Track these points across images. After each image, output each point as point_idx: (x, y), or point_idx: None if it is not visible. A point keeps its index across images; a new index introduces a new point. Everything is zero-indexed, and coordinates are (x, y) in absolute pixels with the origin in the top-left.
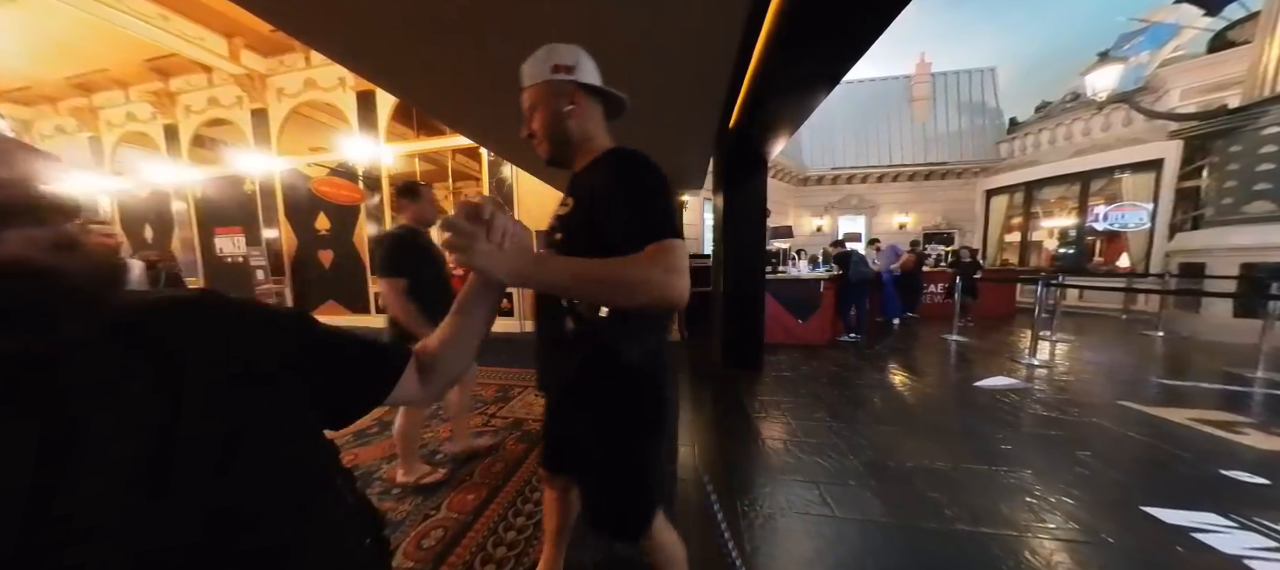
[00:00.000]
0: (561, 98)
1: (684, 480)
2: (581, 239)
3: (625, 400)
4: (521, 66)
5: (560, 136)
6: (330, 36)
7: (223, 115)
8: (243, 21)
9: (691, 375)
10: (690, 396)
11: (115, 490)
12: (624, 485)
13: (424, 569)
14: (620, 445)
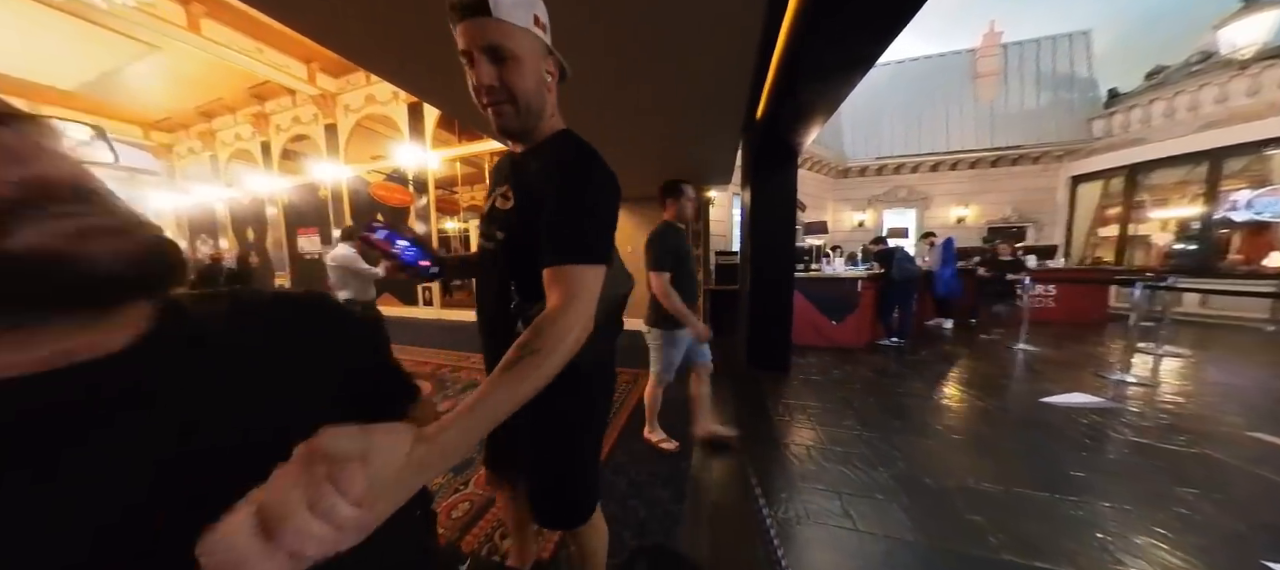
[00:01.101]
0: (544, 62)
1: (709, 483)
2: (525, 241)
3: (573, 400)
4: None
5: (538, 109)
6: (381, 58)
7: (303, 131)
8: (317, 49)
9: (714, 374)
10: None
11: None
12: (573, 479)
13: (454, 536)
14: (570, 442)
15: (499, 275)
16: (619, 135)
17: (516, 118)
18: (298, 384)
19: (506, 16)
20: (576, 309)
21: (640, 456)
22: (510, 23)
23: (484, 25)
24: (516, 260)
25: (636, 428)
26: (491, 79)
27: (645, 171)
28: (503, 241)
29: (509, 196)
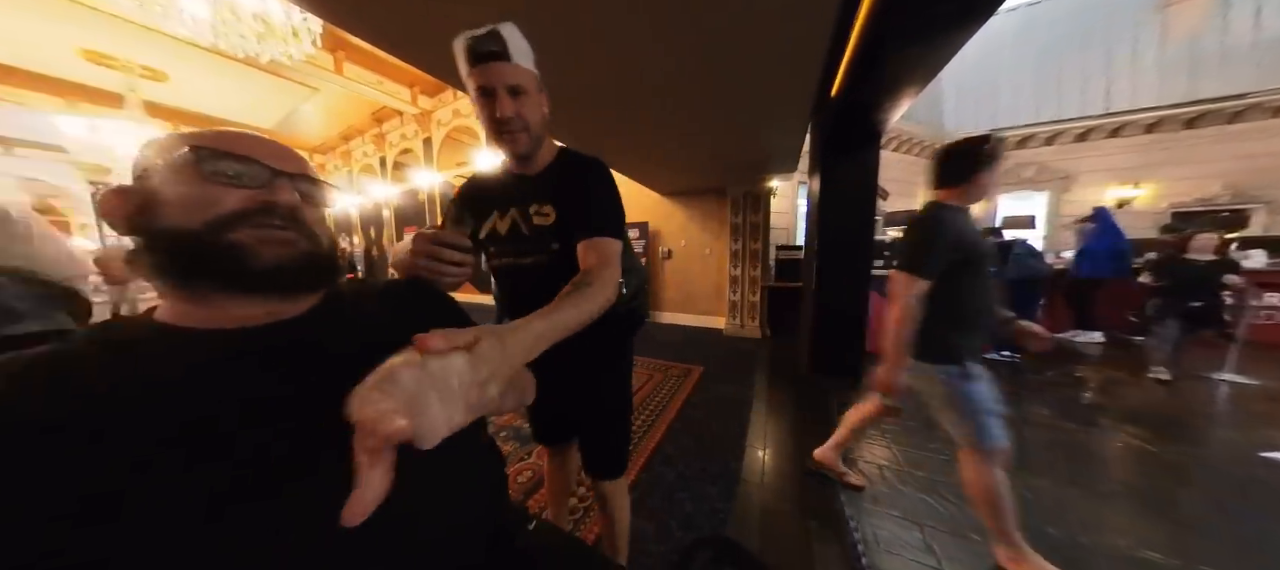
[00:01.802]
0: (542, 95)
1: (758, 484)
2: (570, 239)
3: (622, 359)
4: (501, 31)
5: (541, 136)
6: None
7: (408, 145)
8: (418, 74)
9: (770, 375)
10: (767, 398)
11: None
12: (624, 429)
13: (518, 500)
14: (620, 396)
15: (548, 285)
16: (672, 130)
17: (529, 143)
18: (420, 326)
19: (519, 61)
20: (613, 269)
21: (690, 451)
22: (521, 66)
23: (503, 68)
24: (567, 266)
25: (685, 421)
26: (512, 111)
27: (700, 164)
28: (557, 252)
29: (548, 213)
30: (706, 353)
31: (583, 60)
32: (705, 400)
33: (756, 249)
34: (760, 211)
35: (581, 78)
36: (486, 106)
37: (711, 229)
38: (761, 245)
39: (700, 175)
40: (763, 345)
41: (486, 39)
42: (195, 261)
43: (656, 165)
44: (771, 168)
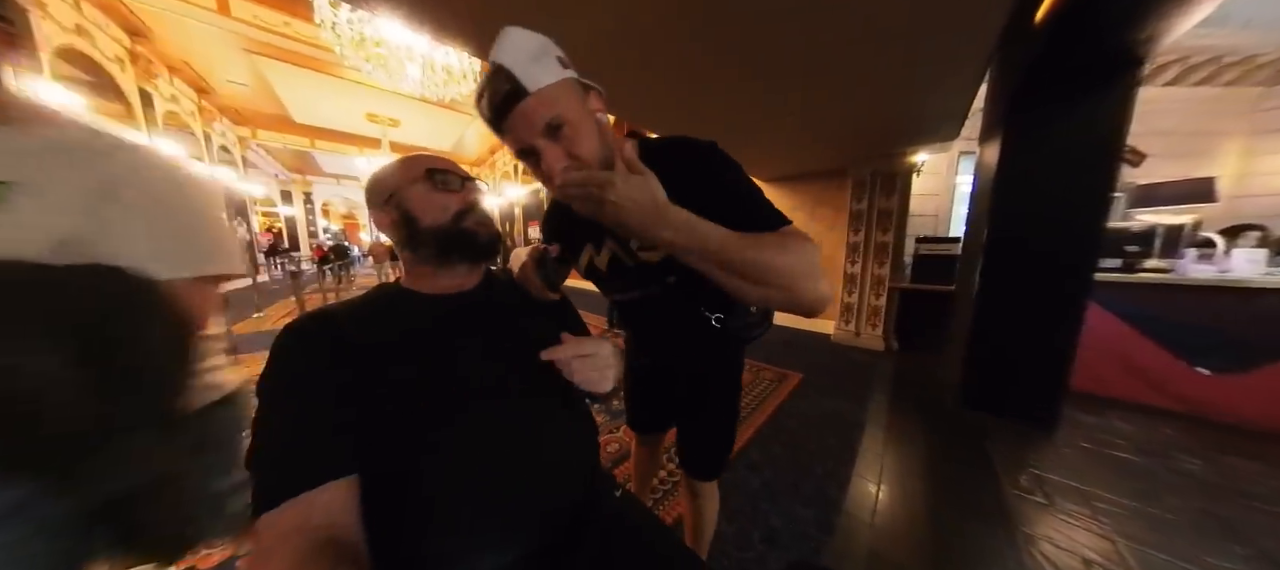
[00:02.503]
0: (589, 102)
1: (867, 523)
2: (694, 273)
3: (736, 364)
4: (502, 62)
5: (610, 160)
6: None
7: None
8: None
9: (894, 398)
10: (887, 424)
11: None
12: (730, 435)
13: (606, 466)
14: (731, 402)
15: (678, 307)
16: (792, 106)
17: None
18: (541, 310)
19: (542, 82)
20: (811, 250)
21: (779, 462)
22: (549, 87)
23: (528, 110)
24: (695, 287)
25: (776, 429)
26: (563, 160)
27: (820, 142)
28: (677, 283)
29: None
30: (808, 359)
31: (674, 32)
32: (802, 411)
33: (885, 241)
34: (894, 195)
35: (672, 54)
36: (534, 168)
37: (823, 218)
38: (893, 237)
39: (815, 156)
40: (885, 359)
41: (494, 82)
42: (450, 244)
43: (761, 151)
44: (920, 136)
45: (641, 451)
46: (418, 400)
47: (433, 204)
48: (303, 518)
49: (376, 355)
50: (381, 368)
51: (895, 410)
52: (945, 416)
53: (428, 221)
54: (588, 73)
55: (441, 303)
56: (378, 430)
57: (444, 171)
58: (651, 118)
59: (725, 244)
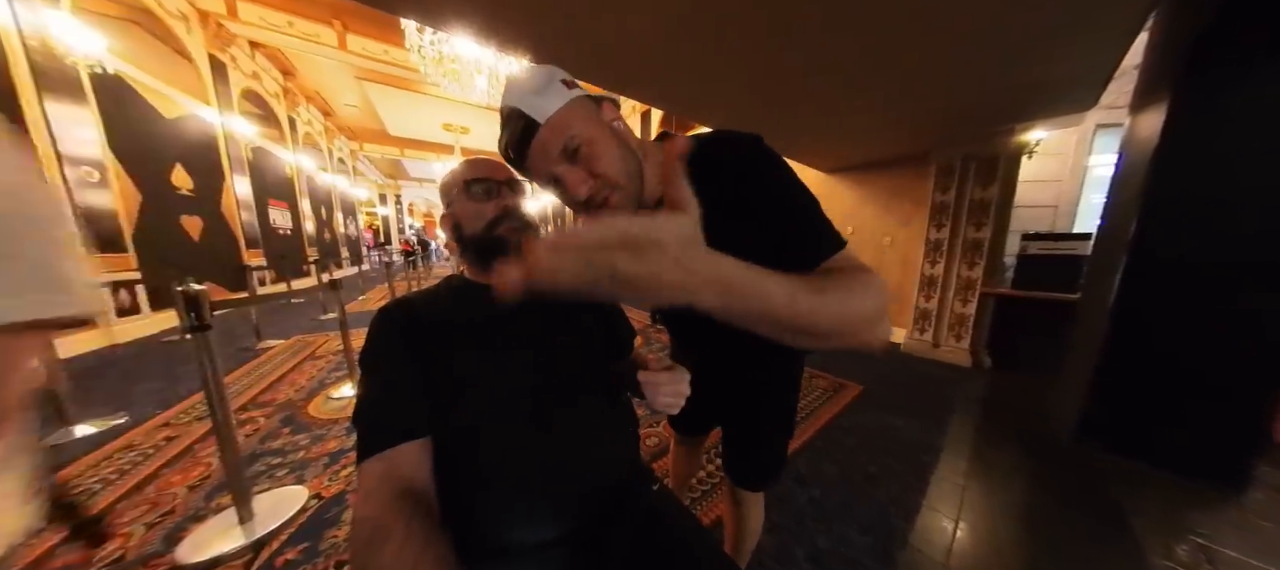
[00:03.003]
0: (603, 114)
1: (939, 563)
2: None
3: (792, 368)
4: (514, 104)
5: (636, 168)
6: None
7: None
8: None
9: (983, 423)
10: (971, 454)
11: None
12: (782, 448)
13: (646, 459)
14: (786, 411)
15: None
16: (873, 86)
17: (627, 197)
18: (587, 302)
19: (551, 110)
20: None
21: (831, 479)
22: (557, 111)
23: (544, 141)
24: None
25: (829, 444)
26: (586, 181)
27: (903, 123)
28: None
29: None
30: (871, 370)
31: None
32: (861, 428)
33: (979, 239)
34: (995, 183)
35: (737, 28)
36: (560, 196)
37: (899, 211)
38: (990, 233)
39: (891, 140)
40: (972, 377)
41: (510, 124)
42: (485, 250)
43: (821, 138)
44: (1040, 106)
45: (680, 450)
46: (476, 379)
47: (470, 213)
48: (391, 467)
49: (444, 337)
50: (448, 348)
51: (985, 438)
52: (1057, 453)
53: (468, 229)
54: (636, 67)
55: (491, 290)
56: (443, 402)
57: (480, 180)
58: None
59: (788, 304)
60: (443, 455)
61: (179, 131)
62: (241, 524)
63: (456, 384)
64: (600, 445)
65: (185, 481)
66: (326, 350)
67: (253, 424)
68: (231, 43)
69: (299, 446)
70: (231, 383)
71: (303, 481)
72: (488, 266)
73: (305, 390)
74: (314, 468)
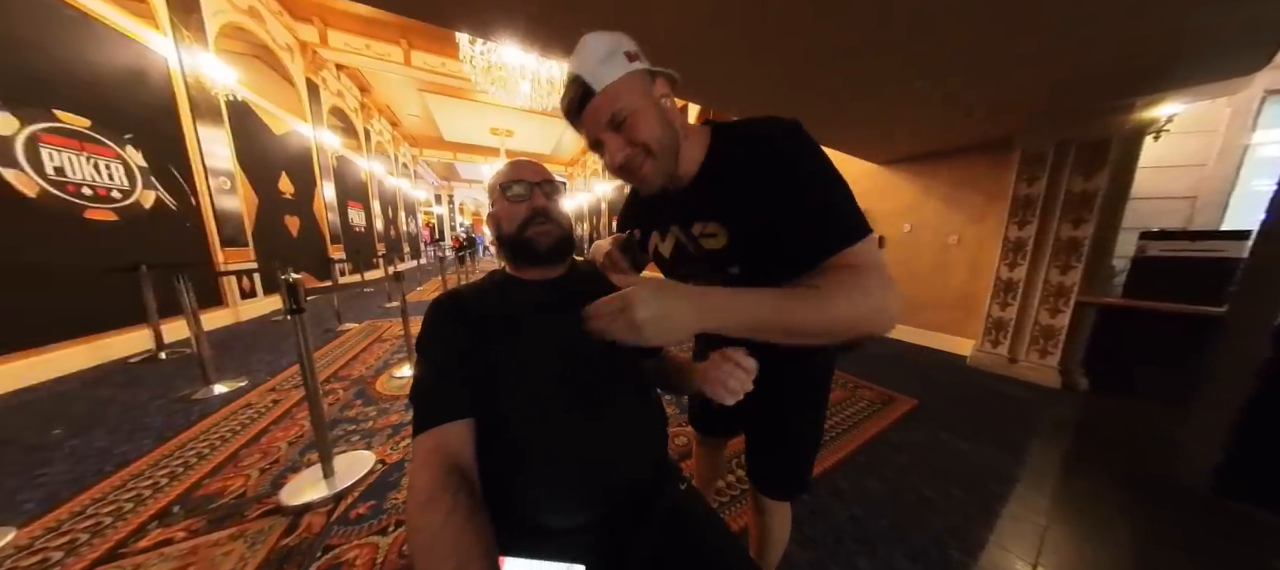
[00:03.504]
0: (655, 90)
1: None
2: (765, 263)
3: (818, 371)
4: (575, 71)
5: (672, 143)
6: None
7: None
8: None
9: (1075, 454)
10: (1057, 490)
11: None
12: (809, 453)
13: (675, 458)
14: (811, 413)
15: None
16: (956, 48)
17: (658, 167)
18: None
19: (607, 80)
20: (871, 276)
21: (875, 497)
22: (613, 82)
23: (595, 108)
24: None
25: (875, 459)
26: (622, 153)
27: (982, 101)
28: (741, 275)
29: (716, 233)
30: (930, 383)
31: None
32: (916, 446)
33: (1076, 237)
34: (1102, 171)
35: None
36: (602, 157)
37: (969, 205)
38: (1092, 230)
39: (963, 125)
40: (1061, 400)
41: (569, 90)
42: (518, 250)
43: (876, 127)
44: (1181, 73)
45: (702, 452)
46: (513, 368)
47: (507, 214)
48: (440, 443)
49: (487, 328)
50: (490, 338)
51: (1077, 473)
52: (1183, 503)
53: (505, 230)
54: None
55: (534, 289)
56: (485, 387)
57: (516, 182)
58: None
59: (775, 316)
60: (483, 436)
61: (284, 145)
62: (325, 478)
63: (496, 371)
64: (629, 439)
65: (286, 437)
66: (391, 334)
67: (333, 395)
68: (323, 66)
69: (368, 417)
70: (318, 358)
71: (371, 447)
72: (522, 264)
73: (374, 368)
74: (380, 436)
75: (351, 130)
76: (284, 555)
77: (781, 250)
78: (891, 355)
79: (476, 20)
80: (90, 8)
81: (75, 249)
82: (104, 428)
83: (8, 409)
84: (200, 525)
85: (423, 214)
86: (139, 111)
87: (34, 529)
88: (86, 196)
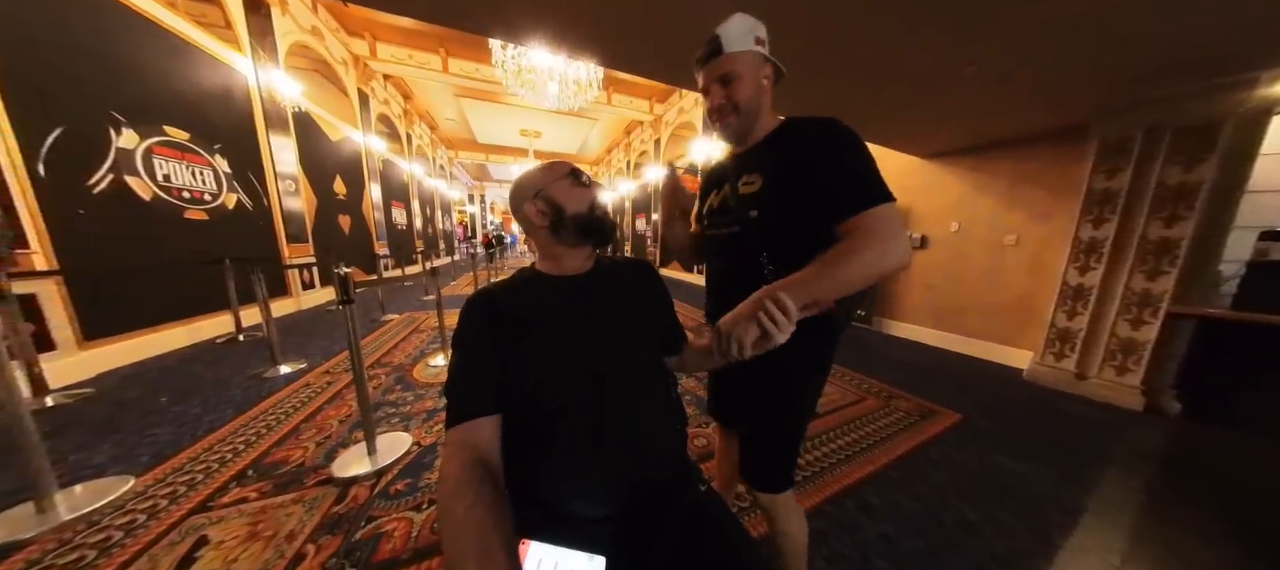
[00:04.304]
0: (762, 70)
1: None
2: (777, 214)
3: (816, 355)
4: (718, 32)
5: (755, 110)
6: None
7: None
8: (654, 87)
9: (1162, 492)
10: (1136, 527)
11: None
12: (785, 439)
13: (695, 460)
14: (789, 397)
15: (747, 251)
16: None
17: (738, 122)
18: (645, 292)
19: (734, 48)
20: (893, 229)
21: (909, 517)
22: (738, 52)
23: (718, 62)
24: (770, 233)
25: (909, 475)
26: (721, 98)
27: (1069, 82)
28: (756, 219)
29: (754, 181)
30: (977, 397)
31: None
32: (955, 464)
33: (1169, 238)
34: (1207, 160)
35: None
36: (706, 100)
37: (1028, 202)
38: (1191, 229)
39: (1025, 109)
40: (1144, 425)
41: (706, 44)
42: (588, 228)
43: (933, 116)
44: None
45: (724, 446)
46: (541, 362)
47: (574, 197)
48: (469, 436)
49: (517, 323)
50: (519, 333)
51: (1163, 511)
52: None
53: (572, 210)
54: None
55: (563, 284)
56: (515, 379)
57: (579, 173)
58: None
59: (820, 275)
60: (513, 424)
61: (338, 151)
62: (369, 455)
63: (525, 365)
64: (649, 434)
65: (337, 416)
66: (427, 326)
67: (376, 380)
68: (372, 77)
69: (406, 401)
70: (364, 345)
71: (408, 429)
72: (580, 245)
73: (412, 356)
74: (416, 420)
75: (396, 135)
76: (335, 521)
77: (808, 203)
78: (931, 364)
79: (508, 26)
80: (192, 37)
81: (177, 245)
82: (198, 398)
83: (128, 378)
84: (268, 488)
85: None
86: (225, 124)
87: (146, 479)
88: (185, 199)
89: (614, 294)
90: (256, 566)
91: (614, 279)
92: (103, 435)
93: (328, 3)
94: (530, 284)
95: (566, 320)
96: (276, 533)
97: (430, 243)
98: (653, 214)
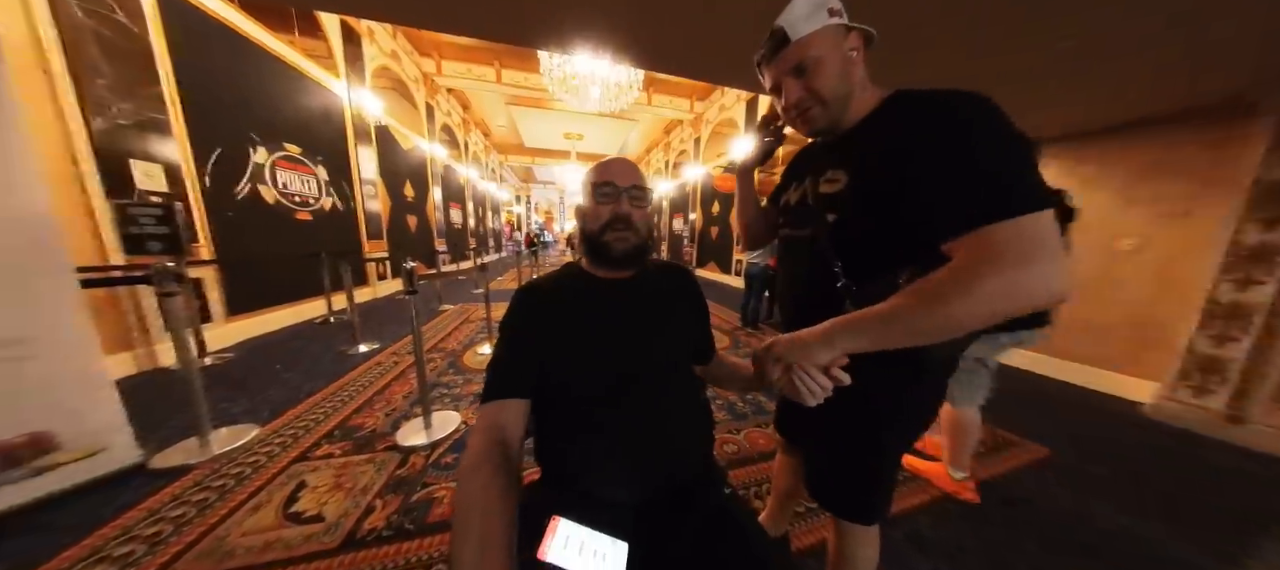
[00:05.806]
0: (845, 43)
1: None
2: (866, 221)
3: (893, 366)
4: (780, 22)
5: (845, 94)
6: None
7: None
8: (694, 86)
9: None
10: None
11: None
12: (867, 459)
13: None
14: (874, 413)
15: (821, 259)
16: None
17: (825, 114)
18: (681, 300)
19: (804, 32)
20: (1011, 254)
21: (970, 553)
22: (809, 33)
23: (786, 55)
24: (847, 240)
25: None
26: (799, 93)
27: (1233, 41)
28: (833, 223)
29: (838, 179)
30: (1073, 431)
31: None
32: (1041, 506)
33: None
34: None
35: None
36: (778, 100)
37: (1164, 196)
38: None
39: (1161, 82)
40: None
41: (767, 41)
42: (595, 251)
43: (1037, 90)
44: None
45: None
46: (575, 352)
47: (592, 213)
48: (496, 415)
49: (557, 314)
50: (559, 324)
51: None
52: None
53: (586, 227)
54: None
55: (605, 285)
56: (549, 365)
57: (605, 183)
58: None
59: (896, 315)
60: (547, 406)
61: (408, 158)
62: (425, 429)
63: (560, 353)
64: (676, 431)
65: (401, 392)
66: (476, 317)
67: (433, 363)
68: (437, 92)
69: (457, 384)
70: (424, 332)
71: (458, 410)
72: (596, 264)
73: (463, 344)
74: (464, 401)
75: (455, 143)
76: (398, 482)
77: (877, 215)
78: (1015, 388)
79: (558, 38)
80: (303, 66)
81: (290, 241)
82: (300, 368)
83: (254, 348)
84: (349, 448)
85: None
86: (325, 138)
87: (266, 430)
88: (297, 203)
89: (649, 299)
90: (339, 512)
91: (652, 283)
92: (239, 391)
93: (404, 28)
94: (575, 280)
95: (599, 319)
96: (354, 486)
97: (481, 240)
98: (690, 213)
